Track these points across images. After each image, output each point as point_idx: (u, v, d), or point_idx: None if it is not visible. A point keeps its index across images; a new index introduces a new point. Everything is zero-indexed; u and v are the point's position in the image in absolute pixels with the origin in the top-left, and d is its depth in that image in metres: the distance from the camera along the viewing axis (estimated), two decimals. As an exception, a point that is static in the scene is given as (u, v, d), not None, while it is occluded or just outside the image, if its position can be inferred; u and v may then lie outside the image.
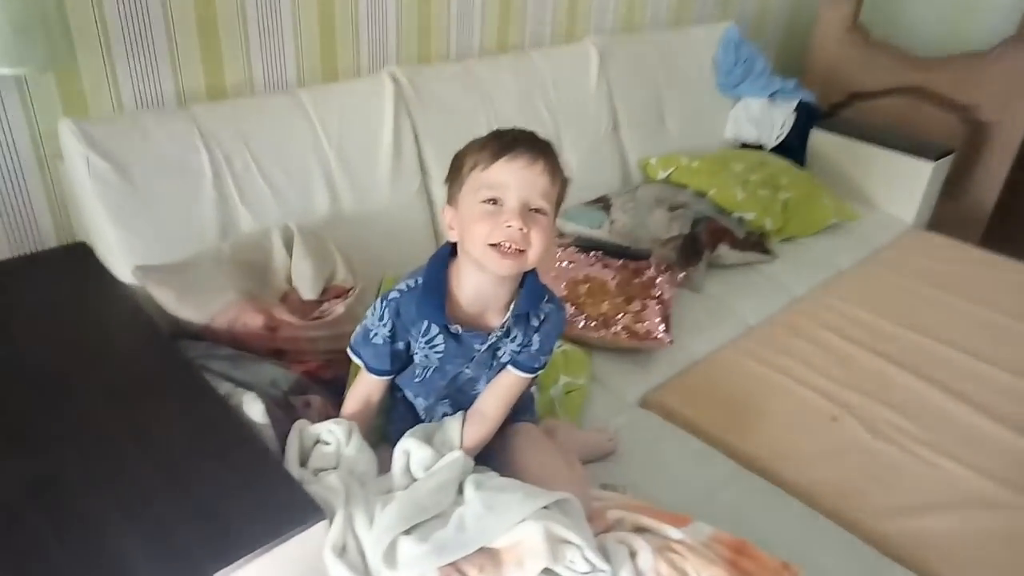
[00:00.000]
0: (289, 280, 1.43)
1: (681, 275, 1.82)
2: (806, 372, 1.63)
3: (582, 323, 1.58)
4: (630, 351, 1.61)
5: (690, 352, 1.68)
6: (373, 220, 1.65)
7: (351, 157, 1.64)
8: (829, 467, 1.37)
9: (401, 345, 1.09)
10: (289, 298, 1.42)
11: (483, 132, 1.01)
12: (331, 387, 1.31)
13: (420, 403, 1.18)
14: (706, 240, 1.93)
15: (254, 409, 1.07)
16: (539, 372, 1.14)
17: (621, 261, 1.76)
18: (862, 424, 1.48)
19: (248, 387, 1.22)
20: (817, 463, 1.38)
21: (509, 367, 1.12)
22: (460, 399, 1.16)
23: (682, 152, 2.30)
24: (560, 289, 1.64)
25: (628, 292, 1.66)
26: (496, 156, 0.96)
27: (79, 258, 1.41)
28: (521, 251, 0.96)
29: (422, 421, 1.19)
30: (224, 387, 1.16)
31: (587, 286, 1.66)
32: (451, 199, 1.03)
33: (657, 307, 1.63)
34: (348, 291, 1.46)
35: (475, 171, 0.98)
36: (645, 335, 1.57)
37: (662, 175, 2.22)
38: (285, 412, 1.19)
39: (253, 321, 1.31)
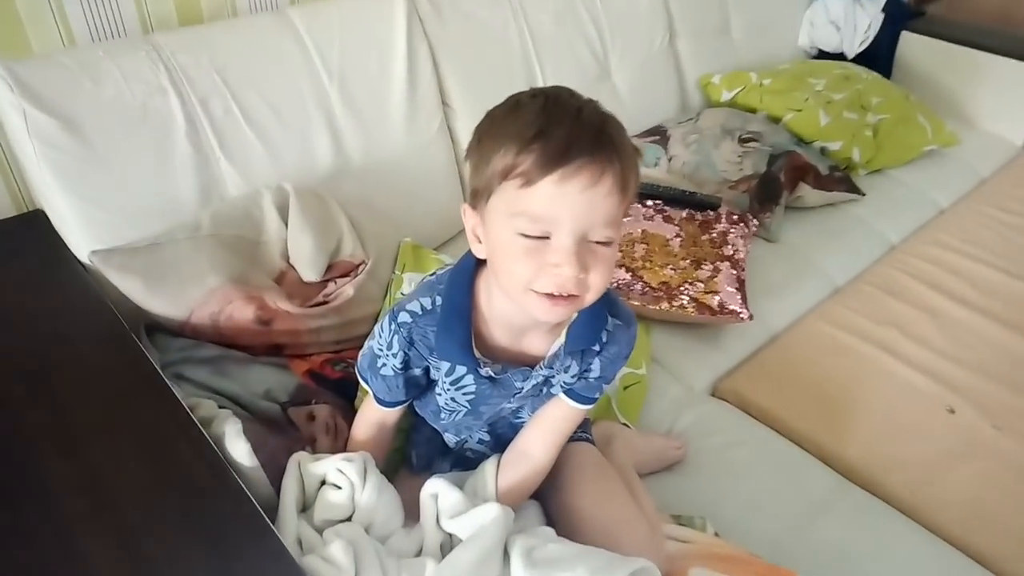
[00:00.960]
0: (286, 256, 1.18)
1: (754, 223, 1.52)
2: (909, 346, 1.35)
3: (640, 293, 1.31)
4: (696, 326, 1.35)
5: (767, 323, 1.41)
6: (386, 171, 1.37)
7: (356, 92, 1.35)
8: (955, 482, 1.11)
9: (418, 371, 0.85)
10: (286, 278, 1.16)
11: (516, 53, 0.70)
12: (340, 389, 1.08)
13: (449, 438, 0.95)
14: (785, 179, 1.61)
15: (238, 448, 0.83)
16: (597, 401, 0.89)
17: (686, 212, 1.47)
18: (985, 416, 1.21)
19: (236, 401, 1.00)
20: (938, 475, 1.12)
21: (561, 395, 0.87)
22: (500, 427, 0.93)
23: (750, 66, 1.95)
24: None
25: (695, 253, 1.37)
26: (544, 170, 0.65)
27: (33, 231, 1.16)
28: (575, 296, 0.70)
29: (450, 450, 0.96)
30: (203, 408, 0.93)
31: (644, 246, 1.37)
32: (475, 200, 0.73)
33: (731, 271, 1.35)
34: (357, 267, 1.21)
35: (510, 183, 0.67)
36: (719, 309, 1.30)
37: (727, 96, 1.88)
38: (282, 435, 0.96)
39: (241, 313, 1.07)
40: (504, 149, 0.66)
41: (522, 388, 0.84)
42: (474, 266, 0.80)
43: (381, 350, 0.82)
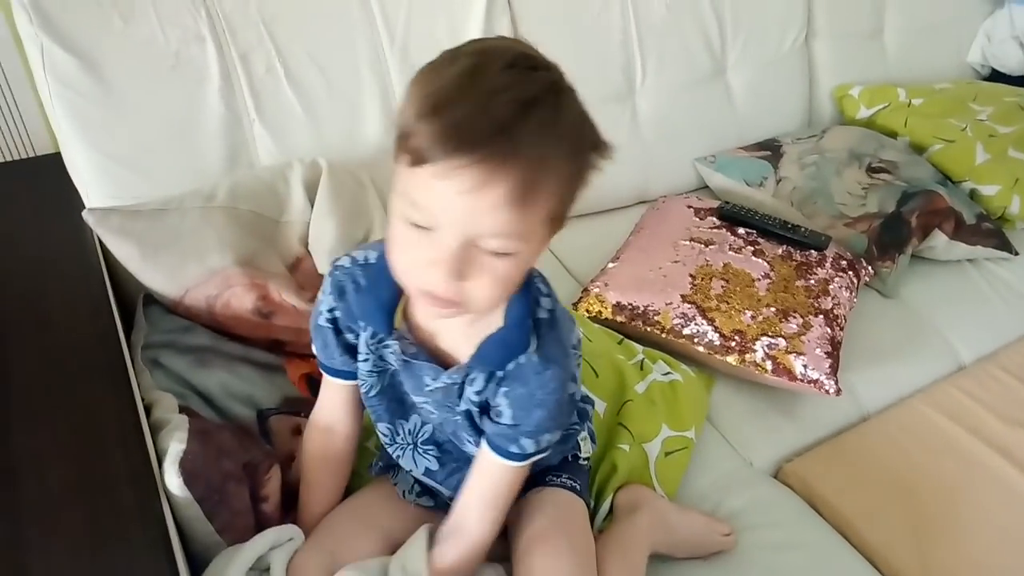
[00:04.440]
0: (306, 240, 1.05)
1: (868, 271, 1.27)
2: (1044, 459, 1.08)
3: (707, 338, 1.10)
4: (769, 388, 1.13)
5: (859, 398, 1.17)
6: (441, 155, 1.21)
7: (421, 62, 1.18)
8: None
9: (352, 338, 0.75)
10: (301, 266, 1.04)
11: (615, 36, 0.76)
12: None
13: (383, 431, 0.81)
14: (917, 224, 1.33)
15: (171, 478, 0.71)
16: (532, 460, 0.73)
17: (782, 248, 1.23)
18: None
19: (209, 401, 0.89)
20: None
21: (485, 447, 0.72)
22: (449, 452, 0.79)
23: (901, 81, 1.64)
24: (682, 280, 1.15)
25: (784, 300, 1.14)
26: (425, 156, 0.53)
27: (53, 174, 1.09)
28: (455, 302, 0.60)
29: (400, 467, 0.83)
30: (161, 407, 0.82)
31: (723, 283, 1.16)
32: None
33: (825, 330, 1.11)
34: (382, 263, 1.06)
35: (402, 155, 0.56)
36: (800, 376, 1.07)
37: (865, 114, 1.60)
38: (248, 449, 0.84)
39: (240, 301, 0.95)
40: (406, 109, 0.55)
41: (431, 387, 0.72)
42: None
43: (319, 297, 0.75)
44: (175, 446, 0.74)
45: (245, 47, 1.08)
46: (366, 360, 0.74)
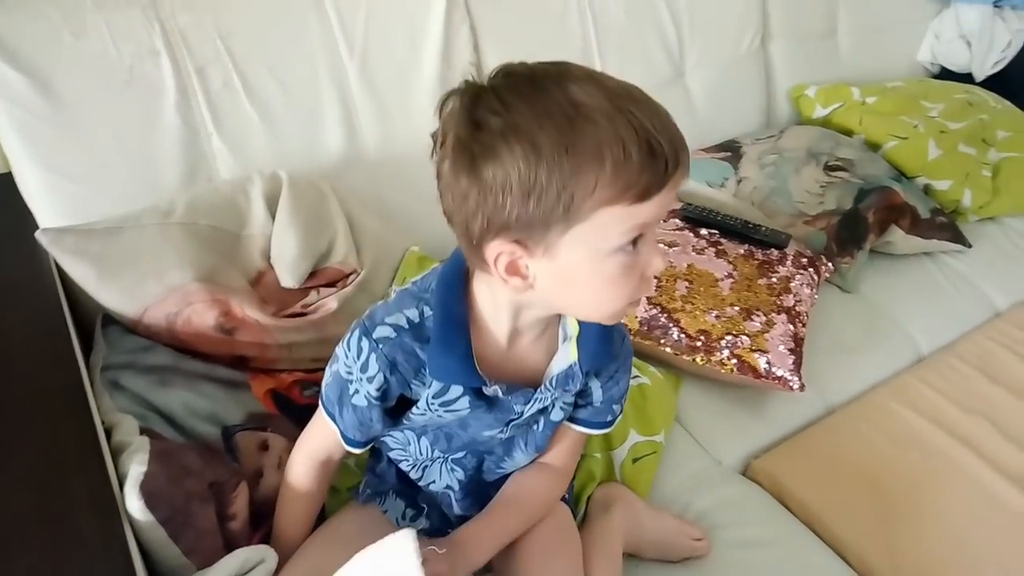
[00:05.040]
0: (268, 254, 1.04)
1: (828, 268, 1.29)
2: (1001, 445, 1.10)
3: (673, 340, 1.12)
4: (735, 387, 1.14)
5: (824, 393, 1.19)
6: (403, 165, 1.20)
7: (379, 73, 1.19)
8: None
9: (394, 402, 0.71)
10: (263, 281, 1.03)
11: (575, 42, 0.77)
12: (306, 418, 0.93)
13: (408, 467, 0.81)
14: (874, 220, 1.36)
15: (132, 502, 0.70)
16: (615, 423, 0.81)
17: (744, 248, 1.25)
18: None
19: (171, 420, 0.87)
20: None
21: (568, 424, 0.79)
22: (475, 471, 0.80)
23: (855, 80, 1.68)
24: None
25: (747, 299, 1.16)
26: (656, 186, 0.55)
27: (2, 193, 1.06)
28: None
29: (405, 490, 0.84)
30: (122, 430, 0.80)
31: (687, 284, 1.17)
32: (524, 233, 0.57)
33: (788, 327, 1.13)
34: (347, 276, 1.06)
35: (614, 206, 0.55)
36: (765, 372, 1.09)
37: (821, 113, 1.63)
38: (214, 467, 0.83)
39: (201, 318, 0.94)
40: (615, 172, 0.54)
41: (522, 412, 0.72)
42: (462, 277, 0.67)
43: (351, 373, 0.68)
44: (135, 468, 0.72)
45: (201, 61, 1.06)
46: (423, 415, 0.71)
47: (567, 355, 0.70)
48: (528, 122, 0.53)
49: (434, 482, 0.81)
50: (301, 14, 1.13)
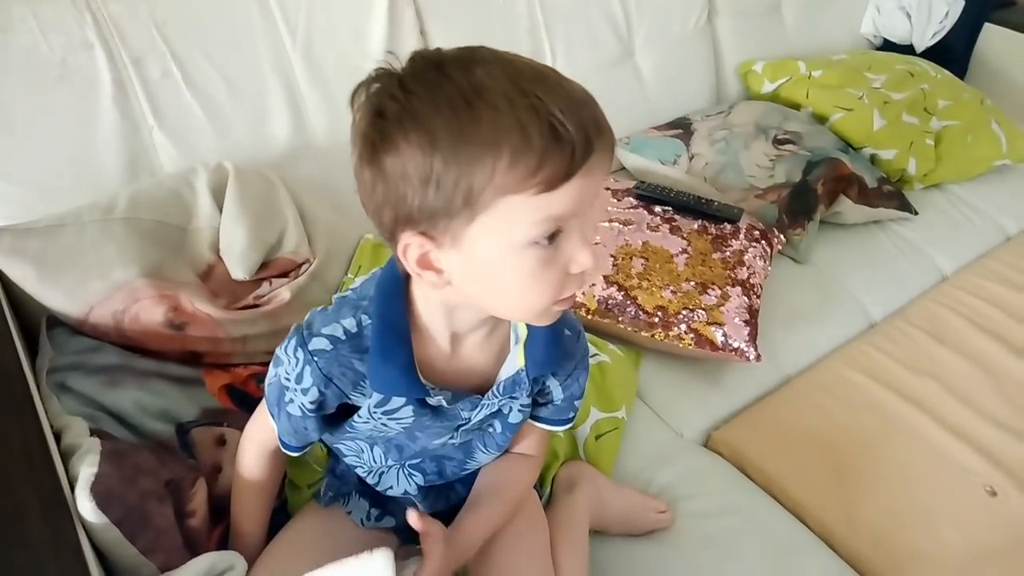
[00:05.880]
0: (216, 247, 1.02)
1: (780, 240, 1.31)
2: (950, 405, 1.14)
3: (631, 317, 1.12)
4: (693, 360, 1.15)
5: (780, 362, 1.21)
6: (353, 152, 1.19)
7: (324, 60, 1.17)
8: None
9: (332, 410, 0.68)
10: (213, 274, 1.01)
11: (522, 23, 0.71)
12: (261, 408, 0.92)
13: (364, 473, 0.79)
14: (823, 191, 1.39)
15: (83, 504, 0.68)
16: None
17: (698, 223, 1.26)
18: (1033, 505, 1.01)
19: (123, 420, 0.85)
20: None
21: (536, 425, 0.78)
22: (433, 472, 0.78)
23: (800, 54, 1.70)
24: (604, 261, 1.17)
25: (702, 274, 1.17)
26: (567, 171, 0.51)
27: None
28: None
29: (368, 488, 0.81)
30: (71, 432, 0.78)
31: (643, 261, 1.18)
32: (428, 224, 0.54)
33: (743, 299, 1.15)
34: (300, 266, 1.04)
35: (517, 195, 0.51)
36: (722, 344, 1.10)
37: (769, 88, 1.65)
38: (169, 465, 0.81)
39: (149, 314, 0.92)
40: (517, 156, 0.50)
41: (469, 419, 0.69)
42: (401, 284, 0.64)
43: (288, 380, 0.65)
44: (86, 470, 0.71)
45: (137, 52, 1.03)
46: (366, 423, 0.69)
47: (515, 360, 0.68)
48: (425, 108, 0.51)
49: (391, 488, 0.79)
50: (240, 1, 1.11)
